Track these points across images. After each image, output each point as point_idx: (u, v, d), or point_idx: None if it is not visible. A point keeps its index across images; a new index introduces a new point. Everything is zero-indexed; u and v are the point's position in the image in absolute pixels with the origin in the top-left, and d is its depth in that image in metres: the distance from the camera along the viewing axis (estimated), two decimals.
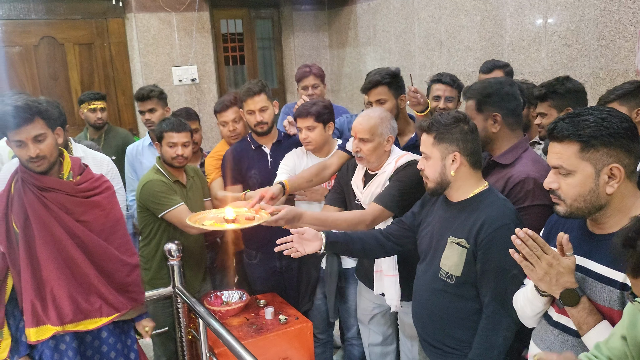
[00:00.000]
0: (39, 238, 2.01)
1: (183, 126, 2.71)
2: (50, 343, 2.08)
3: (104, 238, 2.14)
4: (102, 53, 4.95)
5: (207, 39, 5.30)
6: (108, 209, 2.19)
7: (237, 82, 5.86)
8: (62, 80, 4.80)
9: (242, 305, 2.82)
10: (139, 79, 5.02)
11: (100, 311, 2.09)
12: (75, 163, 2.16)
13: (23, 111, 1.93)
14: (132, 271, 2.23)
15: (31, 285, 2.01)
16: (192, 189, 2.83)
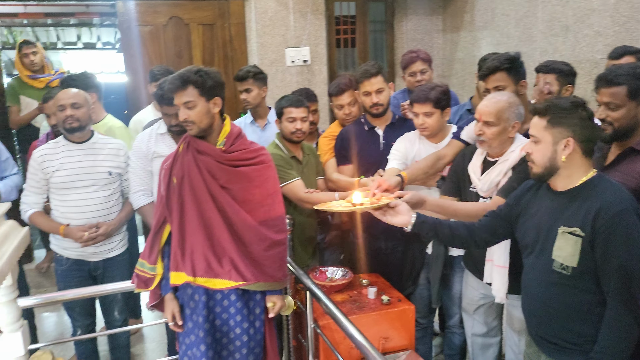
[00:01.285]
0: (187, 194, 2.19)
1: (301, 102, 2.82)
2: (188, 291, 2.27)
3: (247, 209, 2.21)
4: (223, 33, 5.18)
5: (320, 21, 5.37)
6: (257, 181, 2.24)
7: (347, 64, 5.90)
8: (186, 59, 5.09)
9: (346, 282, 2.88)
10: (254, 59, 5.21)
11: (230, 274, 2.18)
12: (232, 133, 2.25)
13: (178, 79, 2.13)
14: (273, 247, 2.24)
15: (177, 234, 2.20)
16: (307, 165, 2.94)
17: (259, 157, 2.27)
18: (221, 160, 2.21)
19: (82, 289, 2.67)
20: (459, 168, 2.53)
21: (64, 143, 2.78)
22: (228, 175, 2.21)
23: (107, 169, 2.80)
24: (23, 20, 6.15)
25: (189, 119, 2.15)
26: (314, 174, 3.00)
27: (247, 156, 2.25)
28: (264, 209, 2.25)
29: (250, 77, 3.40)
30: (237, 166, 2.23)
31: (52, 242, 2.88)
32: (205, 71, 2.17)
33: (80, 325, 2.93)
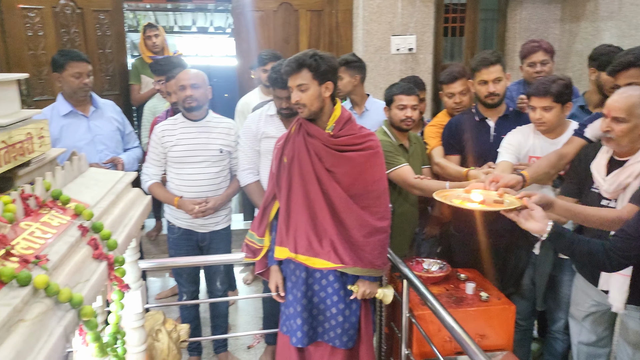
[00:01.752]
0: (295, 174, 2.27)
1: (412, 90, 2.80)
2: (291, 265, 2.37)
3: (351, 194, 2.24)
4: (330, 20, 5.24)
5: (429, 9, 5.26)
6: (363, 167, 2.25)
7: (453, 54, 5.75)
8: (293, 44, 5.21)
9: (443, 275, 2.84)
10: (359, 46, 5.22)
11: (328, 255, 2.24)
12: (342, 117, 2.28)
13: (294, 62, 2.19)
14: (374, 234, 2.26)
15: (284, 210, 2.30)
16: (414, 155, 2.92)
17: (367, 142, 2.28)
18: (328, 144, 2.25)
19: (192, 257, 2.85)
20: (580, 167, 2.38)
21: (181, 120, 2.95)
22: (334, 159, 2.24)
23: (219, 147, 2.95)
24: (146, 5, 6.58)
25: (301, 102, 2.20)
26: (419, 163, 2.97)
27: (354, 141, 2.27)
28: (368, 195, 2.26)
29: (341, 65, 3.42)
30: (344, 151, 2.25)
31: (166, 211, 3.09)
32: (321, 55, 2.20)
33: (187, 291, 3.12)
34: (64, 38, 4.29)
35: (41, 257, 1.14)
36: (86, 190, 1.70)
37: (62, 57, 2.95)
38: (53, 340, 0.99)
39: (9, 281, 1.01)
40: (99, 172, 1.97)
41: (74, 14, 4.34)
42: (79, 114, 2.98)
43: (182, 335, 2.33)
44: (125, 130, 3.22)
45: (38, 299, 1.05)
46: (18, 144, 1.43)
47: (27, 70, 4.11)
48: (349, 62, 3.42)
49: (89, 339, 1.28)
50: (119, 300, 1.51)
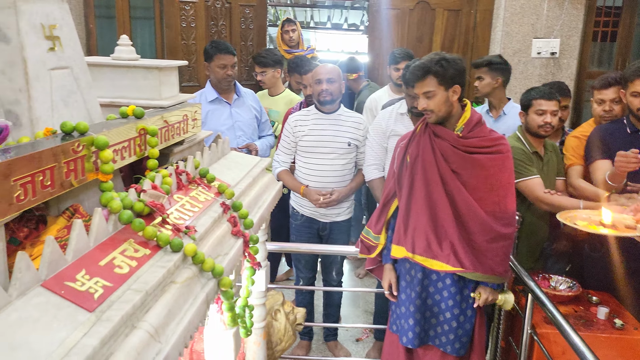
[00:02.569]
0: (419, 174, 2.26)
1: (553, 94, 2.66)
2: (406, 265, 2.35)
3: (476, 197, 2.18)
4: (467, 20, 5.10)
5: (578, 11, 4.92)
6: (491, 171, 2.19)
7: (601, 60, 5.32)
8: (426, 43, 5.14)
9: (572, 295, 2.66)
10: (496, 48, 5.02)
11: (448, 258, 2.19)
12: (472, 119, 2.23)
13: (418, 69, 2.18)
14: (497, 240, 2.19)
15: (403, 209, 2.30)
16: (548, 163, 2.76)
17: (496, 146, 2.21)
18: (456, 145, 2.20)
19: (313, 245, 2.95)
20: None
21: (314, 112, 3.06)
22: (461, 161, 2.20)
23: (347, 140, 3.01)
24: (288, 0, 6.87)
25: (428, 108, 2.19)
26: (554, 173, 2.81)
27: (483, 144, 2.21)
28: (493, 200, 2.19)
29: (484, 65, 3.31)
30: (472, 152, 2.20)
31: (291, 198, 3.22)
32: (447, 59, 2.16)
33: (304, 277, 3.24)
34: (212, 30, 4.63)
35: (190, 228, 1.25)
36: (227, 171, 1.83)
37: (212, 49, 3.19)
38: (197, 304, 1.09)
39: (164, 246, 1.13)
40: (238, 155, 2.11)
41: (223, 7, 4.65)
42: (223, 101, 3.21)
43: (299, 319, 2.42)
44: (262, 118, 3.40)
45: (186, 265, 1.16)
46: (176, 124, 1.58)
47: (179, 58, 4.49)
48: (492, 63, 3.32)
49: (224, 308, 1.39)
50: (250, 276, 1.61)
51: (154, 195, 1.23)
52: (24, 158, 0.86)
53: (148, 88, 1.61)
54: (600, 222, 1.91)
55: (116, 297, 0.92)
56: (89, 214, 1.12)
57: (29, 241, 0.99)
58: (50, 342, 0.75)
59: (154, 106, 1.59)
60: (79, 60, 1.24)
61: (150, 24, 4.53)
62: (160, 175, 1.32)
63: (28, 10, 1.06)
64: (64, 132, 1.04)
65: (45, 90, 1.10)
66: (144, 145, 1.33)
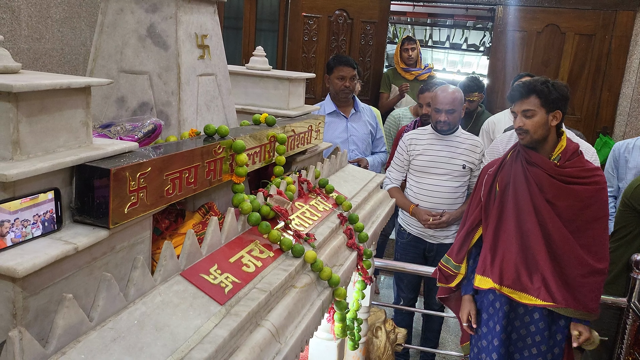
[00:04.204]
0: (510, 202, 2.16)
1: None
2: (490, 296, 2.24)
3: (571, 229, 2.10)
4: (601, 45, 4.78)
5: None
6: (587, 202, 2.11)
7: None
8: (553, 67, 4.89)
9: None
10: (632, 77, 4.67)
11: (538, 292, 2.09)
12: (569, 148, 2.16)
13: (523, 87, 2.10)
14: (592, 275, 2.08)
15: (491, 239, 2.19)
16: None
17: (593, 177, 2.11)
18: (553, 174, 2.10)
19: (419, 266, 2.89)
20: None
21: (430, 132, 3.02)
22: (557, 191, 2.10)
23: (462, 162, 2.93)
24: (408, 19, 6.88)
25: (524, 127, 2.09)
26: None
27: (581, 174, 2.10)
28: (588, 233, 2.09)
29: None
30: (570, 183, 2.10)
31: (400, 216, 3.19)
32: (552, 83, 2.10)
33: (405, 297, 3.19)
34: (332, 44, 4.75)
35: (310, 235, 1.29)
36: (344, 184, 1.86)
37: (334, 61, 3.27)
38: (314, 310, 1.12)
39: (286, 250, 1.17)
40: (355, 169, 2.14)
41: (345, 23, 4.76)
42: (341, 114, 3.27)
43: (399, 339, 2.39)
44: (377, 134, 3.41)
45: (306, 272, 1.19)
46: (301, 134, 1.63)
47: (298, 70, 4.64)
48: None
49: (336, 318, 1.41)
50: (361, 289, 1.62)
51: (279, 201, 1.28)
52: (176, 155, 0.94)
53: (278, 97, 1.69)
54: None
55: (243, 293, 0.96)
56: (221, 212, 1.19)
57: (168, 232, 1.07)
58: (187, 328, 0.81)
59: (282, 115, 1.66)
60: (222, 68, 1.33)
61: (273, 35, 4.75)
62: (285, 182, 1.37)
63: (186, 21, 1.16)
64: (207, 134, 1.12)
65: (193, 94, 1.19)
66: (272, 152, 1.39)
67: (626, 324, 2.44)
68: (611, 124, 4.86)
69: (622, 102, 4.73)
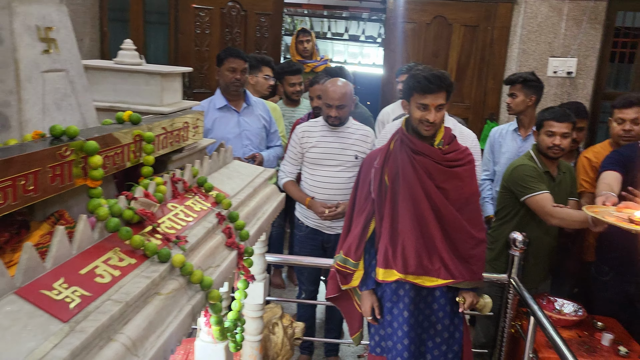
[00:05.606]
0: (402, 194, 2.22)
1: (566, 117, 2.60)
2: (393, 285, 2.31)
3: (456, 208, 2.22)
4: (484, 36, 5.05)
5: (596, 31, 4.86)
6: (466, 181, 2.27)
7: (618, 82, 5.25)
8: (442, 58, 5.10)
9: (576, 320, 2.60)
10: (513, 66, 4.98)
11: (438, 272, 2.20)
12: (447, 133, 2.29)
13: (439, 80, 2.14)
14: (478, 246, 2.26)
15: (388, 232, 2.24)
16: (561, 184, 2.72)
17: (467, 157, 2.28)
18: (439, 160, 2.22)
19: (316, 258, 2.90)
20: None
21: (322, 124, 3.03)
22: (444, 175, 2.22)
23: (355, 153, 2.98)
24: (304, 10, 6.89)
25: (437, 121, 2.17)
26: (566, 194, 2.76)
27: (459, 157, 2.26)
28: (469, 207, 2.25)
29: (519, 82, 3.27)
30: (452, 167, 2.24)
31: (296, 209, 3.19)
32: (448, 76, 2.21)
33: (306, 290, 3.20)
34: (226, 37, 4.64)
35: (181, 238, 1.23)
36: (228, 181, 1.81)
37: (224, 52, 3.20)
38: (182, 317, 1.06)
39: (151, 256, 1.11)
40: (241, 165, 2.09)
41: (239, 15, 4.67)
42: (232, 109, 3.20)
43: (297, 333, 2.38)
44: (271, 128, 3.38)
45: (173, 277, 1.13)
46: (176, 132, 1.56)
47: (191, 64, 4.51)
48: (527, 80, 3.27)
49: (212, 321, 1.36)
50: (243, 289, 1.58)
51: (145, 204, 1.21)
52: (4, 161, 0.84)
53: (149, 94, 1.60)
54: (630, 218, 1.84)
55: (94, 307, 0.89)
56: (75, 221, 1.10)
57: (9, 246, 0.97)
58: (18, 353, 0.73)
59: (155, 112, 1.57)
60: (75, 63, 1.23)
61: (164, 29, 4.56)
62: (154, 183, 1.30)
63: (23, 12, 1.05)
64: (53, 135, 1.02)
65: (37, 93, 1.09)
66: (139, 152, 1.31)
67: (508, 299, 2.60)
68: (497, 110, 5.15)
69: (505, 90, 5.01)
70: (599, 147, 2.95)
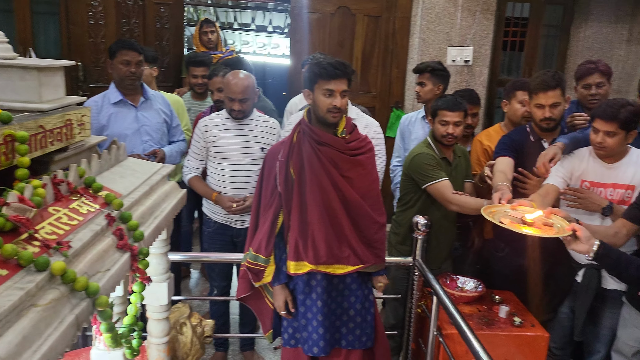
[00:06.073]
0: (309, 185, 2.23)
1: (458, 105, 2.72)
2: (304, 277, 2.32)
3: (360, 195, 2.28)
4: (387, 26, 5.17)
5: (489, 21, 5.13)
6: (369, 169, 2.33)
7: (510, 69, 5.59)
8: (347, 48, 5.17)
9: (476, 295, 2.75)
10: (415, 55, 5.14)
11: (348, 259, 2.25)
12: (348, 122, 2.33)
13: (343, 66, 2.19)
14: (380, 230, 2.34)
15: (298, 225, 2.25)
16: (457, 168, 2.85)
17: (368, 145, 2.34)
18: (343, 150, 2.26)
19: (224, 254, 2.86)
20: None
21: (225, 117, 2.98)
22: (348, 164, 2.27)
23: (261, 145, 2.95)
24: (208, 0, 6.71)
25: (343, 107, 2.20)
26: (462, 177, 2.90)
27: (361, 145, 2.32)
28: (371, 194, 2.33)
29: (427, 71, 3.36)
30: (355, 155, 2.29)
31: (204, 205, 3.12)
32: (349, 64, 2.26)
33: (218, 286, 3.15)
34: (123, 28, 4.43)
35: (63, 244, 1.15)
36: (121, 180, 1.72)
37: (116, 45, 3.03)
38: (63, 328, 1.00)
39: (27, 265, 1.03)
40: (136, 162, 2.00)
41: (136, 5, 4.47)
42: (128, 103, 3.05)
43: (207, 331, 2.34)
44: (172, 123, 3.26)
45: (54, 285, 1.06)
46: (56, 130, 1.46)
47: (86, 57, 4.27)
48: (435, 69, 3.34)
49: (102, 329, 1.30)
50: (139, 292, 1.52)
51: (19, 209, 1.12)
52: None
53: (26, 90, 1.49)
54: (522, 219, 1.96)
55: None
56: None
57: None
58: None
59: (32, 110, 1.46)
60: None
61: (54, 19, 4.27)
62: (30, 187, 1.21)
63: None
64: None
65: None
66: (11, 154, 1.22)
67: (414, 280, 2.69)
68: (402, 98, 5.31)
69: (409, 78, 5.19)
70: (491, 130, 3.13)
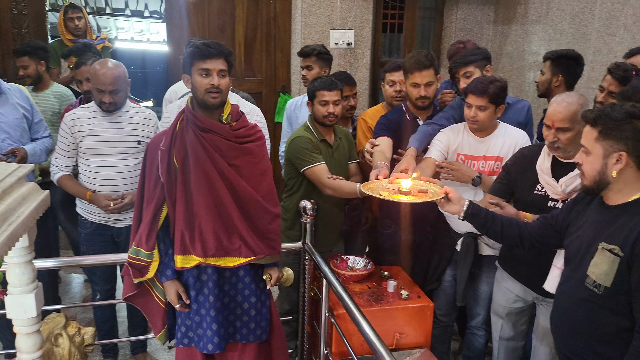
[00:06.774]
0: (194, 175, 2.13)
1: (334, 85, 2.76)
2: (194, 272, 2.23)
3: (251, 185, 2.20)
4: (268, 9, 5.10)
5: (368, 4, 5.24)
6: (259, 157, 2.26)
7: (391, 50, 5.76)
8: (229, 33, 5.05)
9: (366, 273, 2.83)
10: (298, 38, 5.14)
11: (239, 251, 2.17)
12: (234, 109, 2.24)
13: (217, 45, 2.11)
14: (274, 220, 2.27)
15: (183, 216, 2.14)
16: (338, 149, 2.89)
17: (257, 133, 2.29)
18: (228, 137, 2.17)
19: (103, 255, 2.68)
20: (518, 170, 2.38)
21: (95, 109, 2.77)
22: (235, 152, 2.19)
23: (137, 138, 2.79)
24: None
25: (221, 87, 2.11)
26: (345, 159, 2.95)
27: (249, 133, 2.25)
28: (264, 184, 2.27)
29: (314, 55, 3.36)
30: (243, 142, 2.22)
31: (77, 205, 2.90)
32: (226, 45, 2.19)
33: (100, 290, 2.95)
34: None
35: None
36: None
37: None
38: None
39: None
40: None
41: None
42: None
43: (87, 339, 2.20)
44: (34, 118, 2.97)
45: None
46: None
47: None
48: (320, 53, 3.36)
49: None
50: None
51: None
52: None
53: None
54: (399, 190, 2.02)
55: None
56: None
57: None
58: None
59: None
60: None
61: None
62: None
63: None
64: None
65: None
66: None
67: (305, 264, 2.71)
68: (288, 83, 5.30)
69: (293, 62, 5.18)
70: (374, 109, 3.21)
